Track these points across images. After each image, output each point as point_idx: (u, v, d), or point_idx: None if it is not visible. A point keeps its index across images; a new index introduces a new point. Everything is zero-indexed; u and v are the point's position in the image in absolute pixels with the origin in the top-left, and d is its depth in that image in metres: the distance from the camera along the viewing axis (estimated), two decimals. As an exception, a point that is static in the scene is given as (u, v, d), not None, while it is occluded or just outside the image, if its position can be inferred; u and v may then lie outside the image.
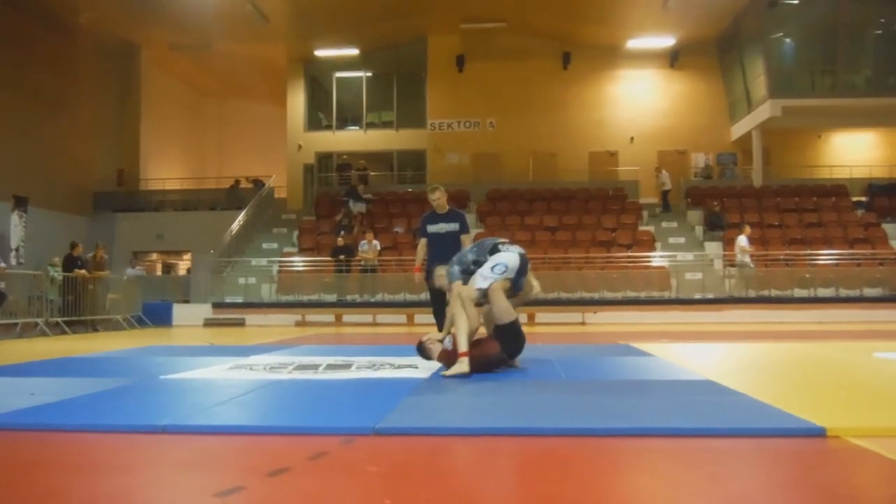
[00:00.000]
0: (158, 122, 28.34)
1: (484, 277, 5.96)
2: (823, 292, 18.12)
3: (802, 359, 7.47)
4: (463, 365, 5.61)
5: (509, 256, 6.10)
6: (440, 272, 6.64)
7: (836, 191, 23.73)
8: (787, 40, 23.70)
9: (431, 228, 7.96)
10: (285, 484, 2.85)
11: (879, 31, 23.61)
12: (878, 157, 26.75)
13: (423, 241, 8.06)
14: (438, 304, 7.77)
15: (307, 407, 4.53)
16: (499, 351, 5.90)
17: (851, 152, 26.86)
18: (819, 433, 3.64)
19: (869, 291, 18.13)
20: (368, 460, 3.26)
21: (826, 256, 19.23)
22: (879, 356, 7.34)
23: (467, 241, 7.77)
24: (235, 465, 3.22)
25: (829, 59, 23.40)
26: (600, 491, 2.80)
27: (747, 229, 18.54)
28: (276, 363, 6.87)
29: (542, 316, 17.01)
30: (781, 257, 19.36)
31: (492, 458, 3.40)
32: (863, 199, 23.24)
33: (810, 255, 19.35)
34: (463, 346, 5.62)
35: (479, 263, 6.16)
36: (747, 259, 18.25)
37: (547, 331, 14.17)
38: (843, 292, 18.09)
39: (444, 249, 7.55)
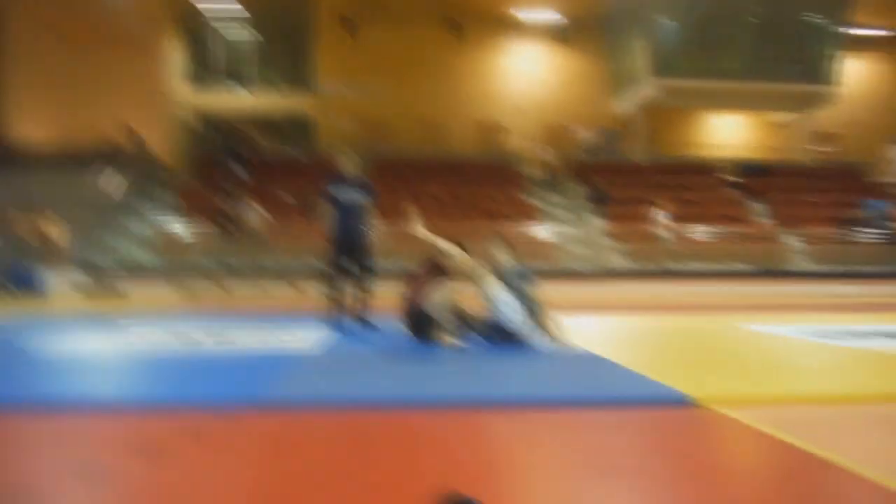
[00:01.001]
0: (25, 74, 26.41)
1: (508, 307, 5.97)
2: (696, 266, 19.05)
3: (675, 330, 7.84)
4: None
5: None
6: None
7: (711, 169, 24.85)
8: (670, 22, 24.52)
9: (337, 195, 7.66)
10: (156, 461, 2.75)
11: (755, 19, 24.77)
12: (750, 139, 28.24)
13: (326, 208, 7.74)
14: (338, 271, 7.65)
15: (188, 380, 4.39)
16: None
17: (726, 133, 28.24)
18: (686, 402, 3.84)
19: (738, 266, 19.20)
20: (248, 434, 3.20)
21: (700, 232, 20.20)
22: (744, 328, 7.79)
23: (371, 210, 7.71)
24: (103, 442, 3.08)
25: (708, 42, 24.37)
26: (476, 462, 2.84)
27: (665, 204, 19.58)
28: (157, 335, 6.62)
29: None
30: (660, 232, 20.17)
31: (373, 430, 3.39)
32: (734, 178, 24.49)
33: (685, 230, 20.26)
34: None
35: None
36: (666, 233, 19.10)
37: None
38: (715, 267, 19.09)
39: (349, 217, 7.52)
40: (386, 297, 7.39)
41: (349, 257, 7.49)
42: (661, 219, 19.01)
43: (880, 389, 4.14)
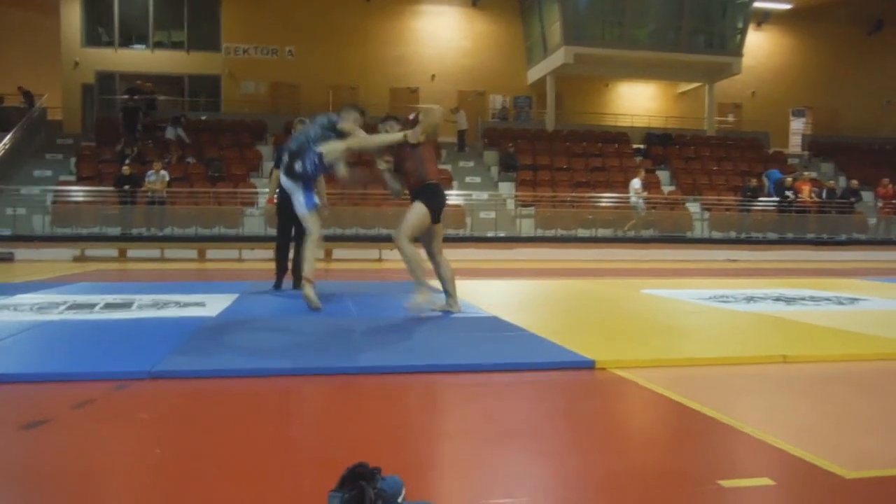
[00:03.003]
0: None
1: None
2: (603, 233, 19.50)
3: (580, 295, 7.99)
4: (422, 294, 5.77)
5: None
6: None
7: (619, 138, 25.37)
8: (582, -11, 24.77)
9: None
10: (41, 437, 2.61)
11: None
12: (657, 108, 28.94)
13: (275, 173, 7.51)
14: (283, 239, 7.65)
15: (77, 351, 4.19)
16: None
17: (634, 103, 28.86)
18: (588, 365, 3.91)
19: (643, 232, 19.75)
20: (141, 406, 3.07)
21: (607, 199, 20.64)
22: (645, 292, 8.01)
23: (322, 182, 7.44)
24: (-16, 417, 2.90)
25: (618, 11, 24.74)
26: (379, 432, 2.81)
27: (641, 173, 20.15)
28: (47, 302, 6.31)
29: (340, 252, 16.93)
30: (568, 199, 20.53)
31: (271, 400, 3.32)
32: (641, 146, 25.09)
33: (593, 198, 20.67)
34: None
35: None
36: (640, 201, 19.50)
37: (344, 267, 14.16)
38: (620, 233, 19.59)
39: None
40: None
41: (296, 225, 7.05)
42: (634, 186, 19.44)
43: (768, 351, 4.31)
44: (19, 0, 27.68)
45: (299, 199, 6.09)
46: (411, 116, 6.05)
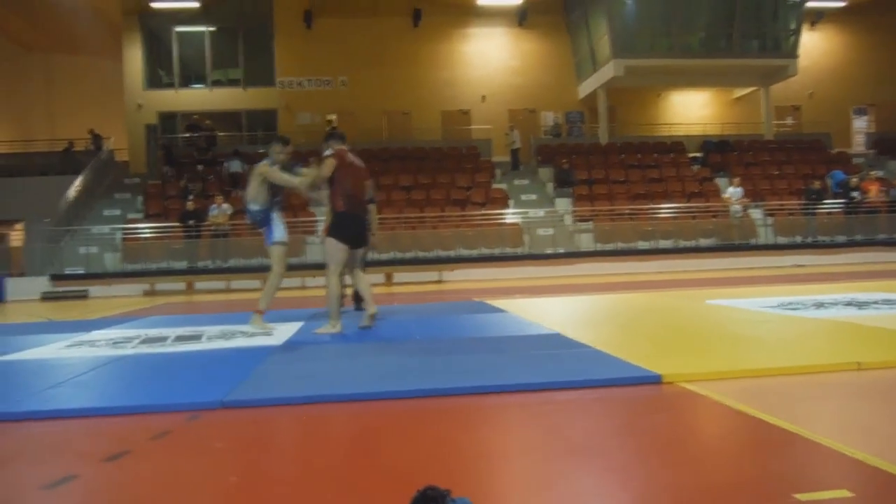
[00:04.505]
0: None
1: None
2: (664, 244, 19.25)
3: (643, 308, 7.90)
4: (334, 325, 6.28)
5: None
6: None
7: (675, 147, 25.08)
8: (629, 2, 24.60)
9: None
10: (123, 468, 2.70)
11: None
12: (712, 115, 28.49)
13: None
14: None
15: (152, 383, 4.33)
16: None
17: (688, 111, 28.49)
18: (655, 380, 3.87)
19: (704, 242, 19.41)
20: (215, 436, 3.16)
21: (666, 210, 20.39)
22: (710, 303, 7.88)
23: (373, 210, 8.46)
24: (69, 452, 3.02)
25: (667, 20, 24.51)
26: (448, 453, 2.83)
27: (736, 180, 19.96)
28: (121, 337, 6.53)
29: (400, 276, 17.09)
30: (626, 212, 20.34)
31: (341, 425, 3.37)
32: (698, 155, 24.71)
33: (652, 209, 20.45)
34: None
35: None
36: (739, 208, 19.47)
37: (404, 290, 14.26)
38: (682, 243, 19.29)
39: None
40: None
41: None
42: (731, 193, 19.38)
43: (841, 358, 4.20)
44: (86, 48, 28.96)
45: (265, 233, 6.78)
46: (326, 153, 6.48)
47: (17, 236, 24.82)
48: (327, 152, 6.46)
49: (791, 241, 19.57)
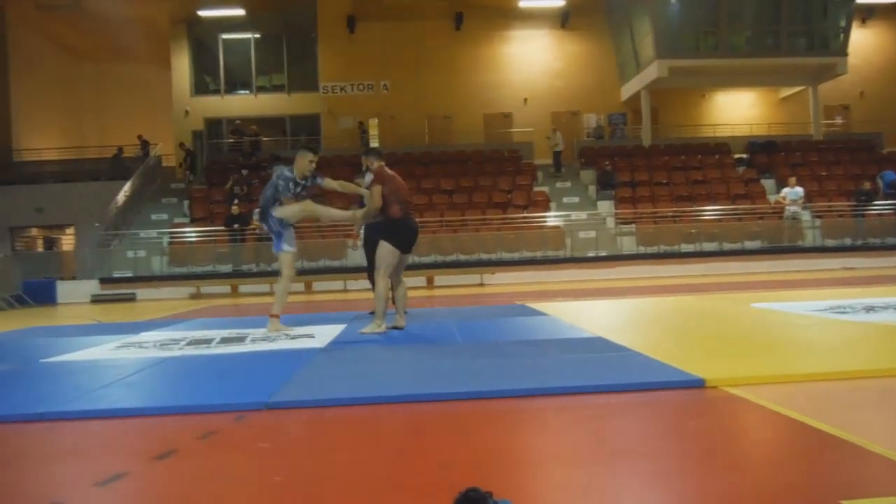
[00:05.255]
0: (31, 88, 26.54)
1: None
2: (708, 246, 18.97)
3: (686, 312, 7.80)
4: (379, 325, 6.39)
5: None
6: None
7: (720, 149, 24.71)
8: (673, 1, 24.34)
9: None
10: (171, 467, 2.77)
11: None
12: (758, 115, 28.02)
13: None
14: (373, 269, 8.25)
15: (198, 384, 4.41)
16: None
17: (733, 111, 28.06)
18: (698, 384, 3.83)
19: (749, 244, 19.09)
20: (260, 436, 3.21)
21: (710, 212, 20.11)
22: (756, 306, 7.75)
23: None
24: (119, 450, 3.10)
25: (711, 20, 24.18)
26: (490, 456, 2.84)
27: (793, 179, 19.34)
28: (168, 339, 6.67)
29: (441, 279, 17.12)
30: (669, 214, 20.11)
31: (384, 426, 3.40)
32: (744, 156, 24.32)
33: (696, 211, 20.18)
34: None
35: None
36: (797, 210, 19.07)
37: (446, 293, 14.29)
38: (727, 246, 18.99)
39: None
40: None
41: None
42: (787, 193, 18.94)
43: (891, 364, 4.10)
44: (135, 56, 29.60)
45: (274, 240, 6.87)
46: (367, 176, 6.92)
47: (68, 240, 25.48)
48: (368, 177, 6.73)
49: (840, 244, 19.12)
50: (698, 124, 27.28)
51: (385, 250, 6.42)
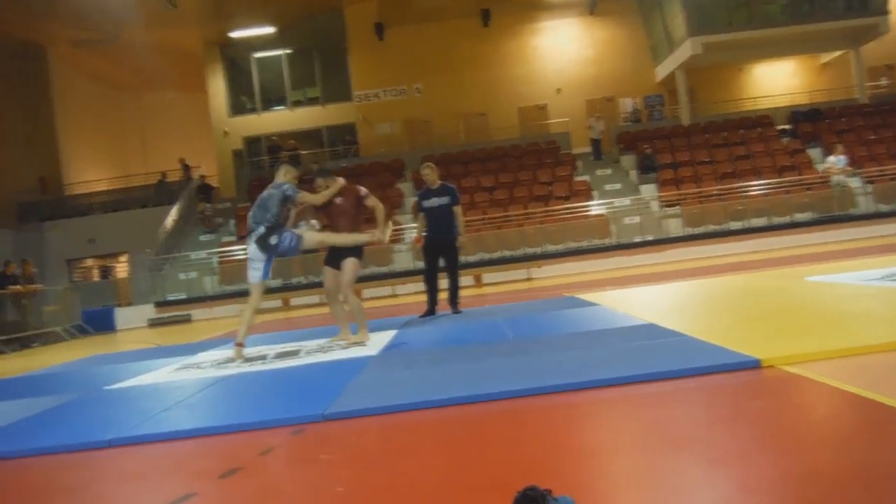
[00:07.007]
0: (75, 123, 27.33)
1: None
2: (757, 222, 18.62)
3: (737, 291, 7.68)
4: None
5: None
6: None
7: (762, 122, 24.22)
8: (702, -23, 23.92)
9: (425, 203, 8.43)
10: (237, 484, 2.83)
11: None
12: (799, 84, 27.38)
13: (420, 216, 8.61)
14: (432, 272, 8.56)
15: (257, 401, 4.50)
16: None
17: (773, 82, 27.46)
18: (754, 365, 3.77)
19: (799, 216, 18.69)
20: (319, 448, 3.26)
21: (757, 187, 19.73)
22: (810, 280, 7.59)
23: (459, 212, 8.35)
24: (186, 471, 3.18)
25: (742, -9, 23.75)
26: (548, 452, 2.85)
27: (839, 147, 19.14)
28: (224, 358, 6.79)
29: (489, 276, 17.12)
30: (714, 192, 19.79)
31: (441, 430, 3.42)
32: (787, 127, 23.79)
33: (742, 187, 19.82)
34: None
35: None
36: (844, 178, 18.86)
37: (494, 290, 14.29)
38: (776, 220, 18.62)
39: (438, 222, 8.30)
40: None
41: (443, 256, 8.39)
42: (832, 162, 18.74)
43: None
44: (172, 83, 30.25)
45: (257, 268, 6.42)
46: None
47: (122, 268, 26.12)
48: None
49: (894, 209, 18.60)
50: (738, 99, 26.77)
51: (356, 265, 6.75)
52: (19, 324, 14.24)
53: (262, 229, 6.38)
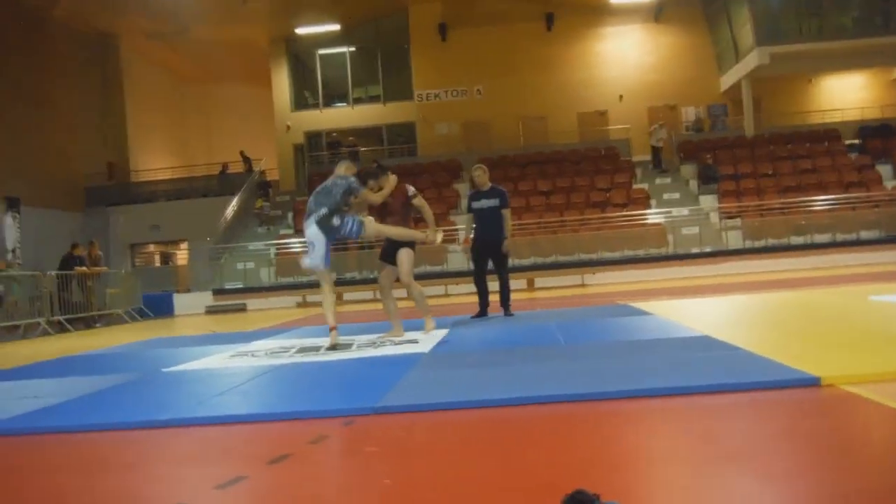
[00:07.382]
0: (144, 112, 28.13)
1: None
2: (820, 238, 18.14)
3: (798, 307, 7.50)
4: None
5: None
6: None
7: (829, 135, 23.61)
8: (771, -15, 23.42)
9: (475, 205, 8.49)
10: (286, 470, 2.88)
11: (866, -29, 23.31)
12: (869, 98, 26.60)
13: (468, 216, 8.74)
14: (480, 274, 8.56)
15: (308, 391, 4.57)
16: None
17: (842, 95, 26.72)
18: (813, 383, 3.68)
19: (865, 234, 18.15)
20: (369, 441, 3.30)
21: (821, 202, 19.23)
22: (874, 299, 7.37)
23: (507, 216, 8.33)
24: (237, 455, 3.26)
25: (815, 2, 23.17)
26: (597, 458, 2.83)
27: None
28: (278, 347, 6.91)
29: (542, 280, 17.04)
30: (776, 206, 19.35)
31: (490, 430, 3.43)
32: (856, 141, 23.13)
33: (805, 201, 19.34)
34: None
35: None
36: None
37: (547, 295, 14.22)
38: (840, 237, 18.12)
39: (486, 223, 8.33)
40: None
41: (491, 258, 8.38)
42: None
43: None
44: (237, 76, 30.91)
45: (320, 254, 6.44)
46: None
47: (182, 255, 26.78)
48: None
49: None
50: (805, 111, 26.15)
51: (410, 254, 6.88)
52: (84, 304, 14.72)
53: (324, 210, 6.44)
